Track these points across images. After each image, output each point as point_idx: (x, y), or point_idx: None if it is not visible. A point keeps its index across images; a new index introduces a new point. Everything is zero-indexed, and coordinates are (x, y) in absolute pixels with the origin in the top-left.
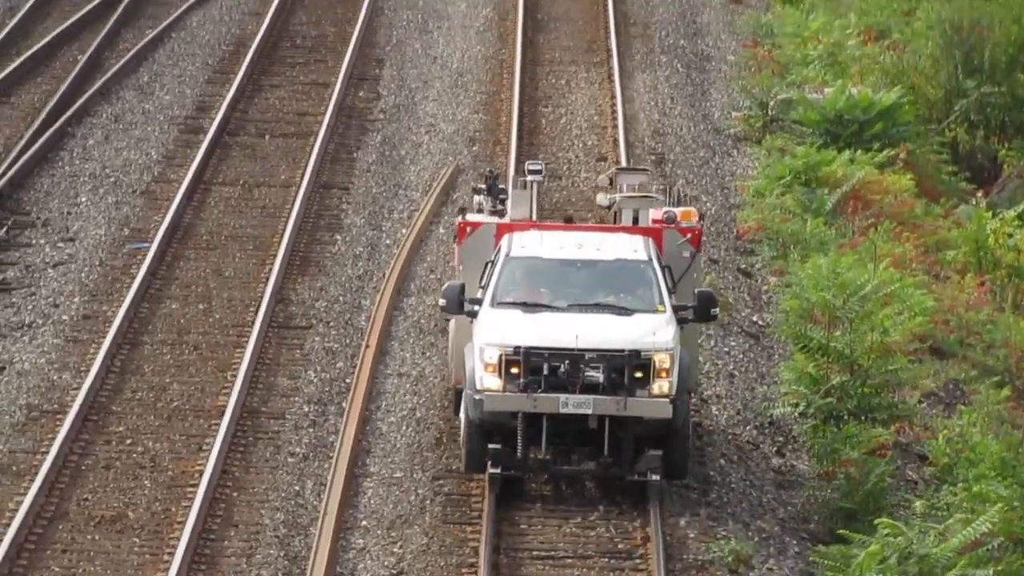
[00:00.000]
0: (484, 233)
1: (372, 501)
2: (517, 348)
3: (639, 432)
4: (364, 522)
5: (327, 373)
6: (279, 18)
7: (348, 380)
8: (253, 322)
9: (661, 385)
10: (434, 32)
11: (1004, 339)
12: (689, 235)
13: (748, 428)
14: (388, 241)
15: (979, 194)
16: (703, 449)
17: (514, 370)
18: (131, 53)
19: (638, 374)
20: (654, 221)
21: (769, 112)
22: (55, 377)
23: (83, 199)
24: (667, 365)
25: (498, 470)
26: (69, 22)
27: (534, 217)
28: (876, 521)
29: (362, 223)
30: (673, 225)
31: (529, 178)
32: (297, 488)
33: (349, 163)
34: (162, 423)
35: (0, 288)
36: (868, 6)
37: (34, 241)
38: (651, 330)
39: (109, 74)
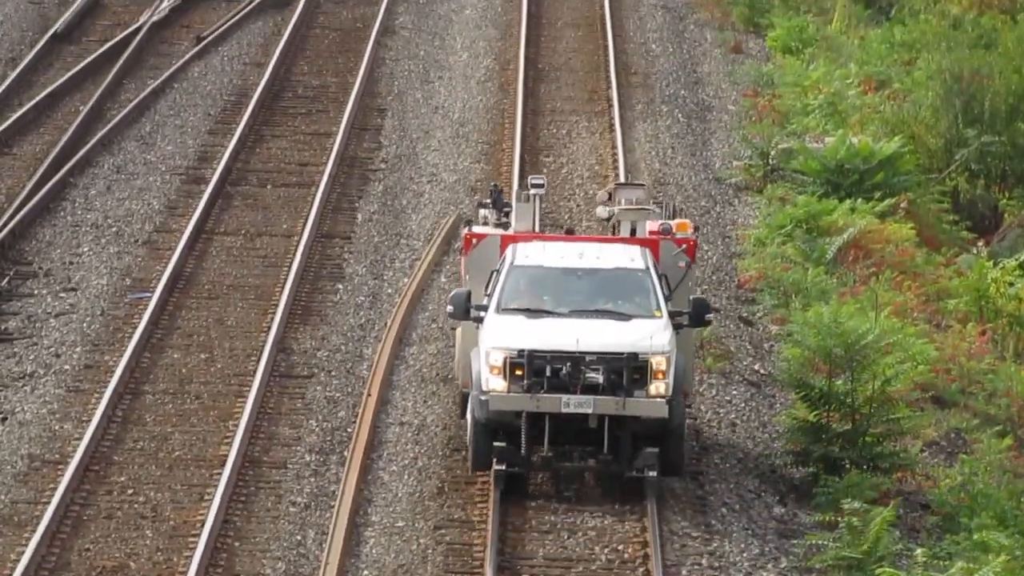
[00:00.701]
0: (490, 244)
1: (374, 551)
2: (521, 351)
3: (637, 431)
4: (366, 572)
5: (329, 422)
6: (281, 68)
7: (350, 429)
8: (255, 371)
9: (658, 386)
10: (435, 82)
11: (1006, 388)
12: (684, 246)
13: (750, 477)
14: (390, 290)
15: (980, 243)
16: (705, 498)
17: (518, 372)
18: (133, 104)
19: (636, 376)
20: (651, 233)
21: (770, 161)
22: (57, 427)
23: (85, 249)
24: (663, 367)
25: (503, 467)
26: (71, 73)
27: (537, 229)
28: (878, 570)
29: (364, 272)
30: (669, 236)
31: (532, 192)
32: (299, 538)
33: (351, 213)
34: (164, 473)
35: (2, 338)
36: (868, 56)
37: (36, 291)
38: (648, 334)
39: (111, 124)
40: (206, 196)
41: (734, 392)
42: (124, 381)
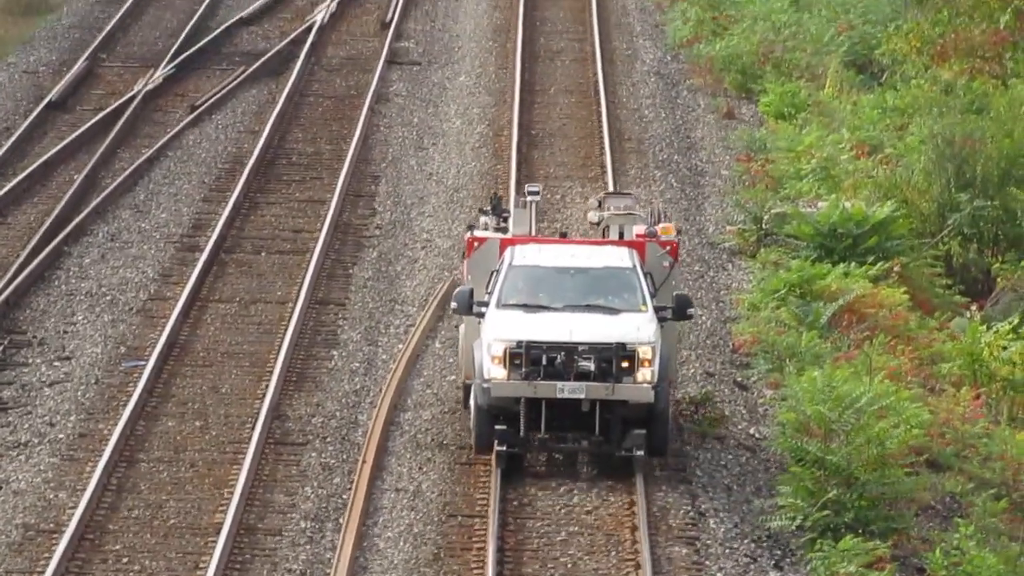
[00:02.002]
0: (490, 247)
1: None
2: (520, 342)
3: (625, 414)
4: None
5: (324, 489)
6: (275, 136)
7: (345, 496)
8: (250, 438)
9: (644, 373)
10: (429, 149)
11: (1000, 452)
12: (668, 247)
13: (746, 541)
14: (384, 356)
15: (973, 307)
16: (701, 563)
17: (517, 361)
18: (127, 172)
19: (624, 364)
20: (638, 235)
21: (763, 226)
22: (51, 496)
23: (79, 318)
24: (649, 356)
25: (504, 448)
26: (65, 142)
27: (533, 232)
28: None
29: (358, 338)
30: (654, 239)
31: (528, 199)
32: None
33: (345, 279)
34: (159, 541)
35: None
36: (860, 121)
37: (30, 360)
38: (635, 327)
39: (105, 193)
40: (200, 264)
41: (729, 456)
42: (119, 449)
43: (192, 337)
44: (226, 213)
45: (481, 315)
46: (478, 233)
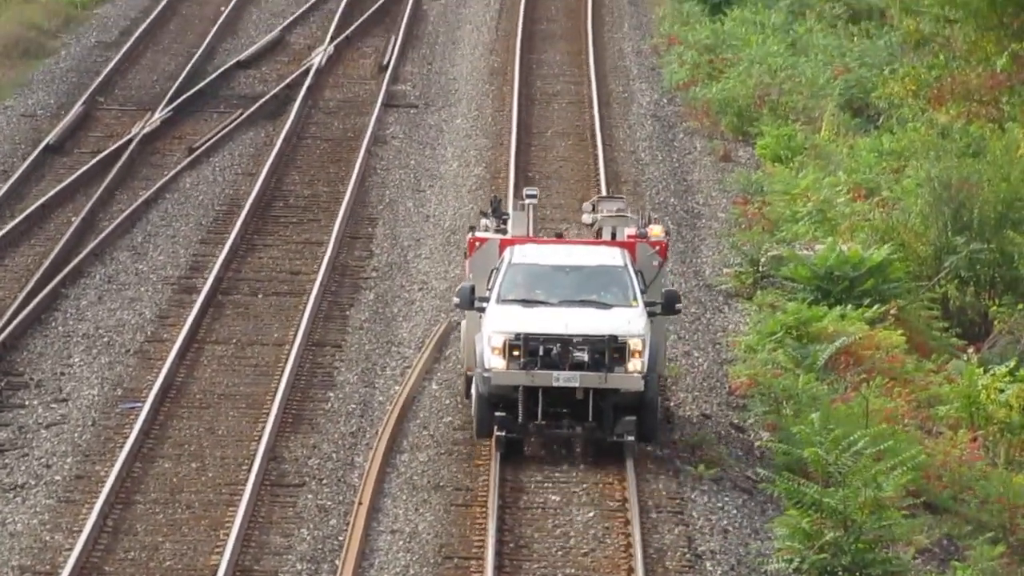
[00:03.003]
0: (490, 246)
1: None
2: (518, 334)
3: (617, 402)
4: None
5: (320, 531)
6: (272, 178)
7: (341, 538)
8: (246, 480)
9: (634, 364)
10: (426, 191)
11: (998, 495)
12: (657, 247)
13: None
14: (381, 398)
15: (970, 350)
16: None
17: (516, 352)
18: (125, 214)
19: (616, 355)
20: (629, 236)
21: (760, 268)
22: (47, 538)
23: (76, 359)
24: (639, 348)
25: (503, 433)
26: (63, 184)
27: (531, 233)
28: None
29: (355, 380)
30: (644, 239)
31: (527, 201)
32: None
33: (342, 321)
34: None
35: None
36: (857, 164)
37: (27, 402)
38: (626, 320)
39: (103, 235)
40: (197, 305)
41: (726, 498)
42: (115, 491)
43: (189, 379)
44: (223, 255)
45: (482, 310)
46: (479, 234)
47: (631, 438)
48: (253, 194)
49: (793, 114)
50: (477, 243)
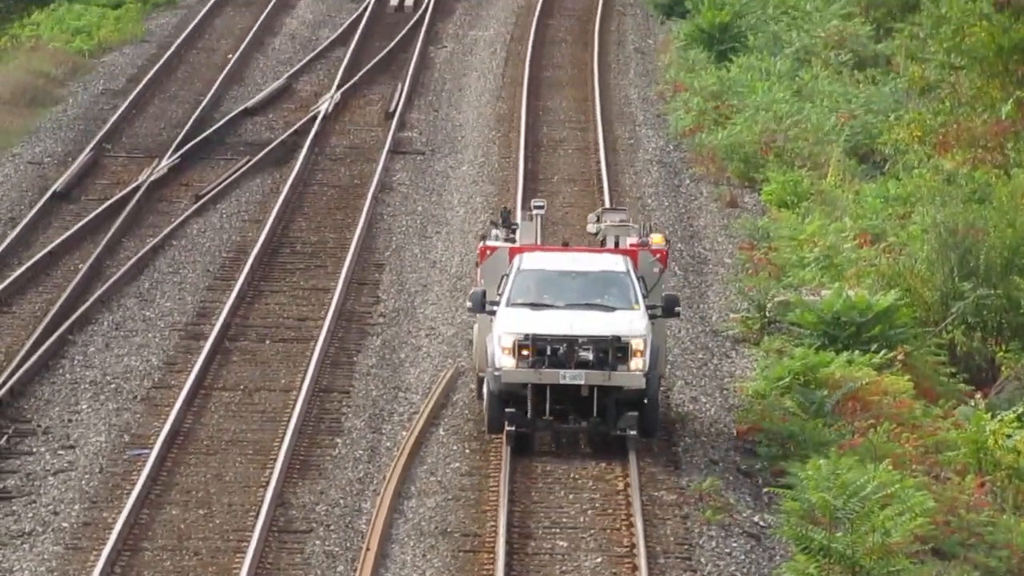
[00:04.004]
0: (500, 254)
1: None
2: (527, 335)
3: (620, 398)
4: None
5: None
6: (279, 225)
7: None
8: (253, 527)
9: (636, 363)
10: (433, 237)
11: (1006, 540)
12: (658, 255)
13: None
14: (388, 444)
15: (978, 396)
16: None
17: (525, 352)
18: (132, 261)
19: (619, 354)
20: (631, 244)
21: (767, 314)
22: None
23: (84, 406)
24: (641, 348)
25: (513, 428)
26: (70, 232)
27: (539, 241)
28: None
29: (362, 426)
30: (646, 247)
31: (535, 212)
32: None
33: (349, 367)
34: None
35: (0, 496)
36: (863, 210)
37: (34, 449)
38: (629, 322)
39: (110, 282)
40: (205, 352)
41: (734, 544)
42: (122, 538)
43: (196, 425)
44: (230, 301)
45: (493, 313)
46: (490, 243)
47: (633, 432)
48: (260, 241)
49: (799, 160)
50: (488, 251)
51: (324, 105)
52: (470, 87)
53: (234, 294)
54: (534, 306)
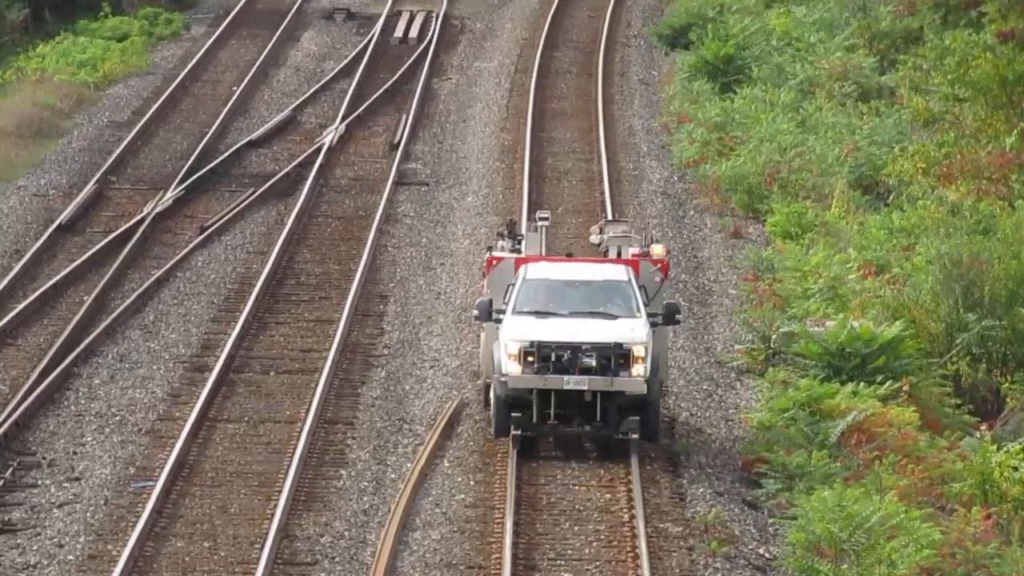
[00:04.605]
0: (506, 264)
1: None
2: (533, 342)
3: (622, 403)
4: None
5: None
6: (284, 256)
7: None
8: (258, 559)
9: (638, 368)
10: (437, 268)
11: (1012, 572)
12: (659, 265)
13: None
14: (393, 475)
15: (983, 427)
16: None
17: (530, 358)
18: (137, 293)
19: (621, 360)
20: (633, 255)
21: (771, 345)
22: None
23: (88, 439)
24: (642, 354)
25: (519, 432)
26: (75, 264)
27: (543, 252)
28: None
29: (367, 458)
30: (647, 258)
31: (540, 223)
32: None
33: (353, 398)
34: None
35: (5, 529)
36: (867, 241)
37: (39, 481)
38: (630, 329)
39: (115, 314)
40: (209, 384)
41: None
42: (127, 571)
43: (201, 457)
44: (235, 333)
45: (499, 321)
46: (496, 253)
47: (635, 436)
48: (264, 272)
49: (803, 191)
50: (495, 261)
51: (329, 137)
52: (474, 118)
53: (239, 326)
54: (539, 314)
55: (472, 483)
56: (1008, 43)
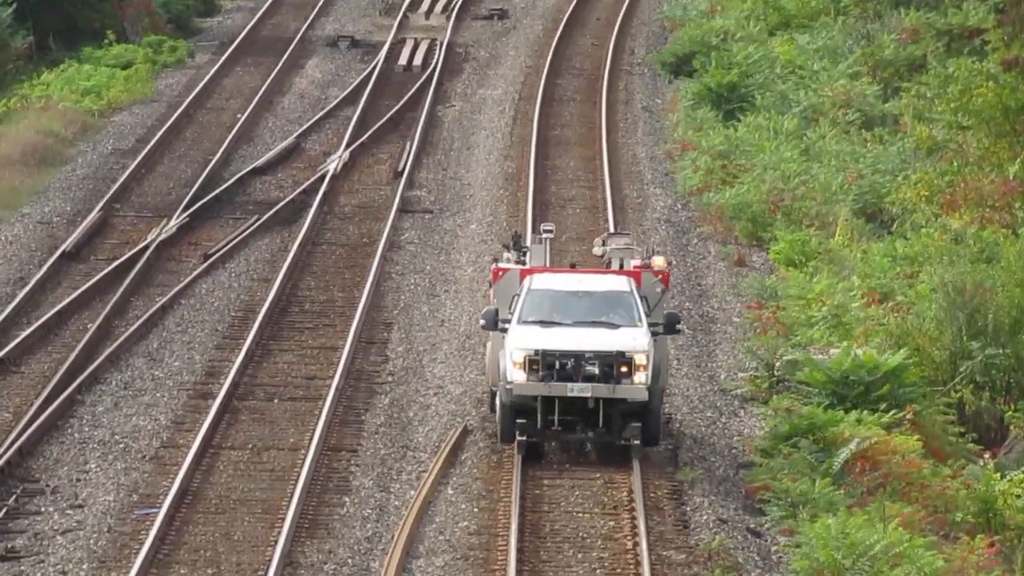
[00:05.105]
0: (512, 275)
1: None
2: (537, 351)
3: (624, 410)
4: None
5: None
6: (288, 284)
7: None
8: None
9: (639, 376)
10: (441, 296)
11: None
12: (660, 276)
13: None
14: (396, 503)
15: (987, 455)
16: None
17: (535, 366)
18: (140, 320)
19: (623, 368)
20: (635, 266)
21: (775, 373)
22: None
23: (92, 466)
24: (644, 362)
25: (524, 437)
26: (79, 291)
27: (548, 264)
28: None
29: (370, 485)
30: (648, 269)
31: (544, 236)
32: None
33: (357, 425)
34: None
35: (9, 556)
36: (871, 269)
37: (43, 508)
38: (632, 338)
39: (118, 341)
40: (213, 411)
41: None
42: None
43: (205, 484)
44: (239, 360)
45: (505, 330)
46: (502, 265)
47: (637, 442)
48: (268, 300)
49: (807, 219)
50: (501, 272)
51: (333, 164)
52: (478, 146)
53: (242, 353)
54: (544, 323)
55: (476, 510)
56: (1012, 71)
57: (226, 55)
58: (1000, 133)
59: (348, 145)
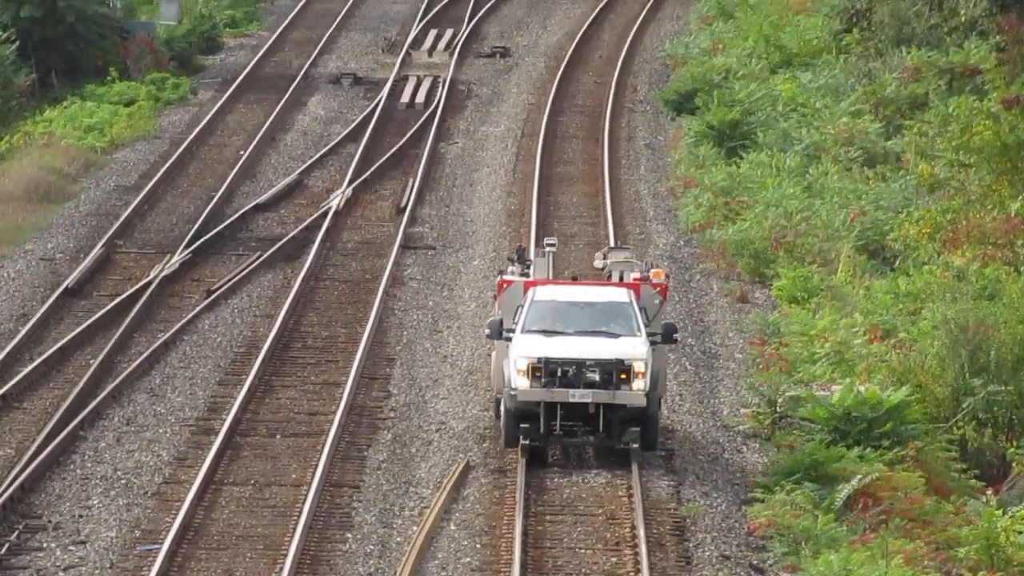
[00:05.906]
0: (516, 287)
1: None
2: (540, 358)
3: (623, 415)
4: None
5: None
6: (290, 320)
7: None
8: None
9: (638, 383)
10: (444, 331)
11: None
12: (658, 288)
13: None
14: (399, 539)
15: (989, 492)
16: None
17: (538, 373)
18: (143, 356)
19: (622, 375)
20: (634, 279)
21: (778, 409)
22: None
23: (94, 502)
24: (642, 370)
25: (527, 442)
26: (81, 327)
27: (551, 276)
28: None
29: (373, 521)
30: (647, 281)
31: (547, 249)
32: None
33: (359, 461)
34: None
35: None
36: (873, 305)
37: (45, 545)
38: (631, 346)
39: (121, 377)
40: (215, 447)
41: None
42: None
43: (207, 520)
44: (241, 396)
45: (509, 339)
46: (507, 277)
47: (636, 446)
48: (271, 336)
49: (809, 256)
50: (505, 284)
51: (335, 200)
52: (481, 182)
53: (245, 389)
54: (546, 333)
55: (478, 546)
56: (1012, 110)
57: (229, 92)
58: (1002, 171)
59: (351, 181)
